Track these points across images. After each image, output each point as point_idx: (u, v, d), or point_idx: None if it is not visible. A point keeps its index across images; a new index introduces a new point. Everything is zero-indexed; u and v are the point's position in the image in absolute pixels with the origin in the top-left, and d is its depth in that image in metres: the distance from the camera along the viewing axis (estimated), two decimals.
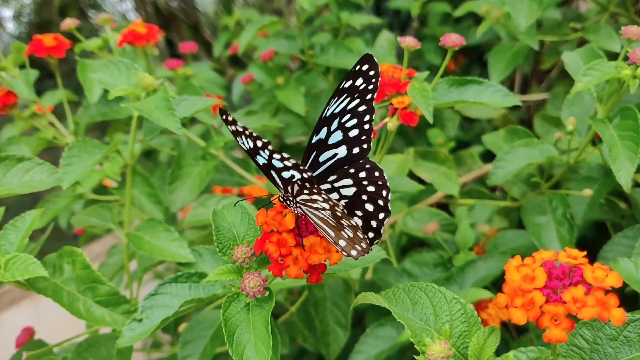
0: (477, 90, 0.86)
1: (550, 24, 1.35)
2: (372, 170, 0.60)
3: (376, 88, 0.61)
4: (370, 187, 0.59)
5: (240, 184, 1.16)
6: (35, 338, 0.95)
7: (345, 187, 0.61)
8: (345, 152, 0.62)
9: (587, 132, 0.93)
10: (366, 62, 0.61)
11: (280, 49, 1.46)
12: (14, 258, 0.70)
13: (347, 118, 0.61)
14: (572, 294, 0.44)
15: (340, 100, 0.62)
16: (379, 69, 0.61)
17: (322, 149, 0.62)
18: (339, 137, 0.62)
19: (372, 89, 0.61)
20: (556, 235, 0.94)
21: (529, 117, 1.66)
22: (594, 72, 0.80)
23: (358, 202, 0.60)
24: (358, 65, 0.61)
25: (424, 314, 0.54)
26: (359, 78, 0.61)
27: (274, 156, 0.54)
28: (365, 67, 0.61)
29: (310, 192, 0.54)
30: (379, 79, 0.61)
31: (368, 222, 0.59)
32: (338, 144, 0.62)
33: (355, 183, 0.60)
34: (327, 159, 0.62)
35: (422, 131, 1.55)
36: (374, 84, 0.61)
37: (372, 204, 0.59)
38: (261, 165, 0.57)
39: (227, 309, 0.60)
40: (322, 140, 0.62)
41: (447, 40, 0.80)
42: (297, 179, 0.56)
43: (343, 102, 0.61)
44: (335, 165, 0.62)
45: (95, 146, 0.81)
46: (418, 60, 1.72)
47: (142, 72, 0.82)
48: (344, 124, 0.61)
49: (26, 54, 1.04)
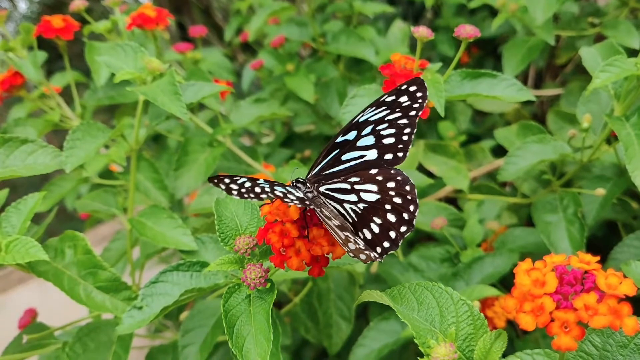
0: (491, 84, 0.84)
1: (568, 18, 1.33)
2: (403, 184, 0.59)
3: (422, 107, 0.61)
4: (397, 198, 0.58)
5: (247, 172, 1.14)
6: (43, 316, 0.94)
7: (367, 192, 0.60)
8: (375, 155, 0.61)
9: (602, 130, 0.91)
10: (416, 85, 0.61)
11: (291, 36, 1.44)
12: (15, 241, 0.69)
13: (383, 127, 0.61)
14: (584, 301, 0.42)
15: (378, 110, 0.62)
16: (427, 93, 0.61)
17: (347, 149, 0.62)
18: (370, 142, 0.61)
19: (417, 107, 0.61)
20: (566, 235, 0.92)
21: (542, 112, 1.64)
22: (613, 69, 0.78)
23: (380, 210, 0.58)
24: (406, 85, 0.61)
25: (429, 315, 0.52)
26: (404, 96, 0.61)
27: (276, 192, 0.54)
28: (413, 88, 0.61)
29: None
30: (426, 101, 0.61)
31: (387, 231, 0.58)
32: (368, 147, 0.62)
33: (381, 190, 0.59)
34: (351, 158, 0.62)
35: (433, 123, 1.53)
36: (420, 104, 0.61)
37: (396, 216, 0.58)
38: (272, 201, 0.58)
39: (227, 300, 0.59)
40: (349, 141, 0.62)
41: (462, 31, 0.78)
42: None
43: (381, 113, 0.61)
44: (360, 166, 0.61)
45: (100, 130, 0.80)
46: (431, 51, 1.70)
47: (148, 56, 0.81)
48: (378, 131, 0.61)
49: (34, 35, 1.03)
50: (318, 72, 1.45)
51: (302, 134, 1.67)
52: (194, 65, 1.39)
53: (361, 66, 1.50)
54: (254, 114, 1.13)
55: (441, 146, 1.23)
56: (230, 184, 0.53)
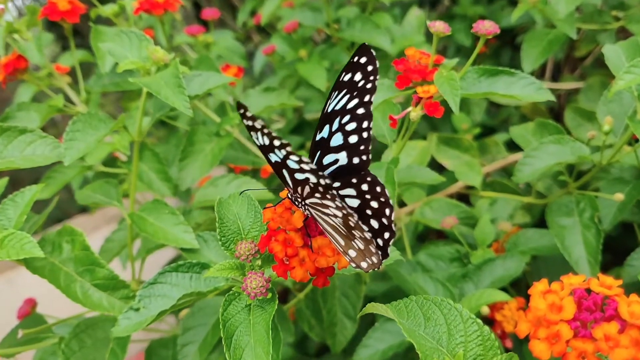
0: (508, 82, 0.80)
1: (590, 11, 1.28)
2: (374, 185, 0.53)
3: (374, 88, 0.53)
4: (374, 202, 0.53)
5: (254, 162, 1.12)
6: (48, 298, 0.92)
7: (349, 198, 0.54)
8: (346, 159, 0.55)
9: (623, 132, 0.87)
10: (364, 54, 0.53)
11: (304, 21, 1.40)
12: (10, 235, 0.67)
13: (347, 119, 0.54)
14: (604, 330, 0.40)
15: (340, 95, 0.54)
16: (377, 64, 0.53)
17: (325, 151, 0.55)
18: (339, 141, 0.54)
19: (370, 89, 0.53)
20: (581, 239, 0.89)
21: (559, 106, 1.59)
22: (638, 70, 0.74)
23: (365, 216, 0.53)
24: (356, 56, 0.54)
25: (436, 332, 0.50)
26: (357, 72, 0.54)
27: (291, 158, 0.48)
28: (363, 59, 0.53)
29: (322, 197, 0.49)
30: (377, 77, 0.53)
31: (375, 239, 0.53)
32: (339, 148, 0.55)
33: (358, 195, 0.54)
34: (330, 162, 0.56)
35: (447, 115, 1.49)
36: (372, 82, 0.53)
37: (377, 221, 0.53)
38: (273, 162, 0.51)
39: (226, 308, 0.57)
40: (324, 139, 0.55)
41: (480, 27, 0.74)
42: (311, 183, 0.50)
43: (343, 99, 0.54)
44: (338, 171, 0.56)
45: (101, 120, 0.77)
46: (447, 40, 1.65)
47: (153, 45, 0.78)
48: (344, 126, 0.55)
49: (39, 17, 1.01)
50: (331, 58, 1.41)
51: (313, 121, 1.64)
52: (205, 49, 1.36)
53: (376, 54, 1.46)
54: (263, 104, 1.10)
55: (454, 139, 1.20)
56: (255, 123, 0.47)
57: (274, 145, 0.47)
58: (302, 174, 0.49)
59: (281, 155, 0.48)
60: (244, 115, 0.47)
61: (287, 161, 0.49)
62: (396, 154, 0.86)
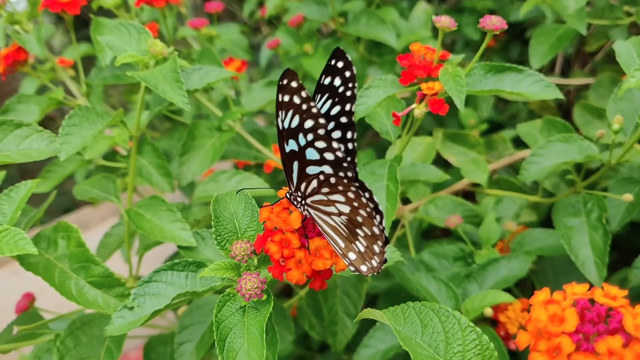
0: (516, 79, 0.78)
1: (602, 6, 1.25)
2: (362, 191, 0.51)
3: (354, 97, 0.50)
4: (362, 210, 0.50)
5: (256, 157, 1.10)
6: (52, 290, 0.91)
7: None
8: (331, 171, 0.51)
9: (633, 131, 0.85)
10: (340, 59, 0.51)
11: (310, 15, 1.39)
12: (4, 232, 0.65)
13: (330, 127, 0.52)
14: (608, 344, 0.38)
15: (323, 99, 0.52)
16: (354, 70, 0.50)
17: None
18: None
19: (350, 97, 0.50)
20: (588, 241, 0.87)
21: (568, 102, 1.57)
22: None
23: (357, 222, 0.51)
24: (333, 59, 0.51)
25: (433, 340, 0.48)
26: (336, 77, 0.51)
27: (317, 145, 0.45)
28: (340, 64, 0.51)
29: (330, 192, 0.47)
30: (355, 84, 0.50)
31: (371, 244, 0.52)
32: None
33: (347, 202, 0.51)
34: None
35: (454, 110, 1.47)
36: (352, 90, 0.50)
37: (368, 229, 0.51)
38: (287, 151, 0.48)
39: (220, 309, 0.55)
40: None
41: (487, 22, 0.72)
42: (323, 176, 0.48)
43: (326, 104, 0.51)
44: None
45: (98, 115, 0.76)
46: (455, 34, 1.63)
47: (152, 38, 0.76)
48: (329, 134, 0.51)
49: (40, 8, 0.99)
50: None
51: None
52: (209, 42, 1.35)
53: (382, 49, 1.44)
54: (266, 98, 1.08)
55: (461, 136, 1.18)
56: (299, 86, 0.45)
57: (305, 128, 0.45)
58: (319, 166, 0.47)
59: (304, 141, 0.46)
60: (286, 86, 0.44)
61: (307, 150, 0.46)
62: (400, 151, 0.84)
